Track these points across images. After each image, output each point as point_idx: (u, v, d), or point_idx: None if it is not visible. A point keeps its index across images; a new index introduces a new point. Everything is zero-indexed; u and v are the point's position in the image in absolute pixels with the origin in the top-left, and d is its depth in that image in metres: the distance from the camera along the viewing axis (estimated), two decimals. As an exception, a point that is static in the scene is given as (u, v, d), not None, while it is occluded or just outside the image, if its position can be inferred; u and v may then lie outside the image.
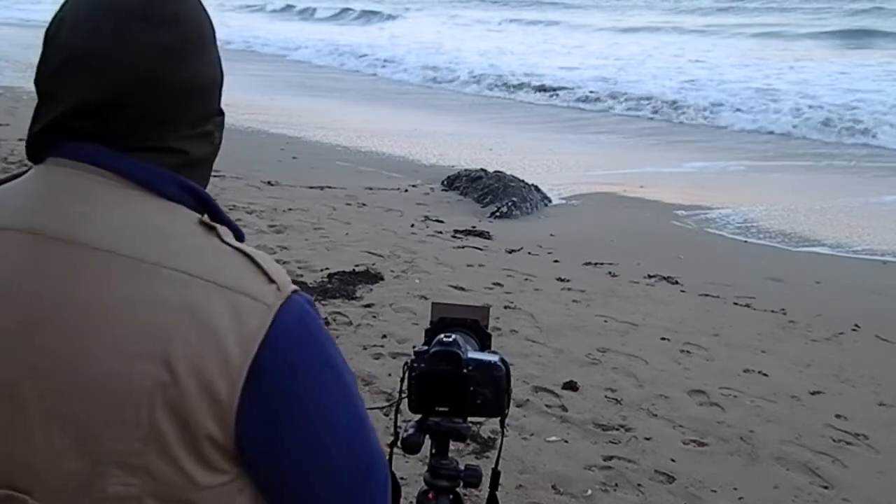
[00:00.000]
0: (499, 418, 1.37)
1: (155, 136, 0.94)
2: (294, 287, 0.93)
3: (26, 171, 0.98)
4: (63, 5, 0.96)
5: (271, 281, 0.91)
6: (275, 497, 0.95)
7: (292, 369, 0.90)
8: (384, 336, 4.40)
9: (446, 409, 1.34)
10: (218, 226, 0.94)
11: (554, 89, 16.15)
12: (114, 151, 0.92)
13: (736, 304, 5.35)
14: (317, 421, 0.92)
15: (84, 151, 0.92)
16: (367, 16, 34.57)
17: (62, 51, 0.92)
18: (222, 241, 0.92)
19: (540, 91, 16.23)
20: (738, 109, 13.88)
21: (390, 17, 34.53)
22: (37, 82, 0.95)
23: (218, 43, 1.03)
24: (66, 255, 0.88)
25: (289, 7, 38.26)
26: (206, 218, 0.94)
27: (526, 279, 5.56)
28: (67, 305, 0.86)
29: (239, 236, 0.97)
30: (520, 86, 16.75)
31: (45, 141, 0.94)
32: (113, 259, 0.87)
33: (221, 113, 1.03)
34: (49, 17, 0.98)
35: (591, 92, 15.69)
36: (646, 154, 10.87)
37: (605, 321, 4.89)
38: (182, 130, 0.96)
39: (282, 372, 0.89)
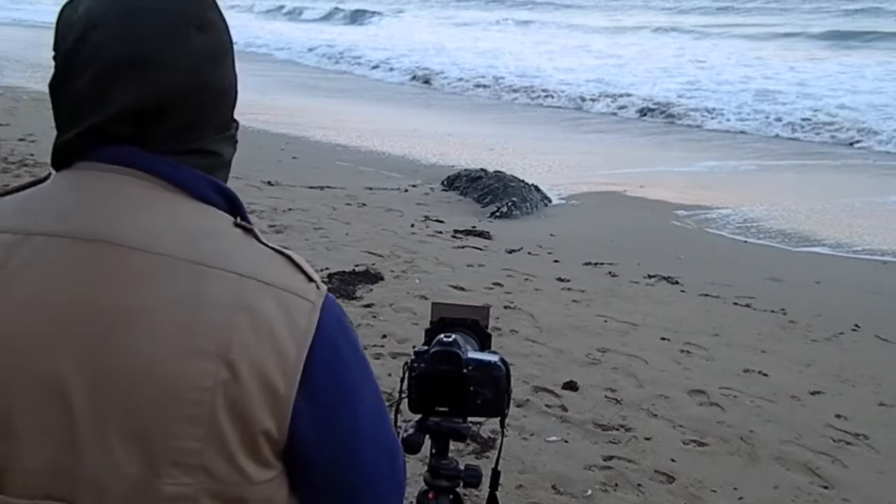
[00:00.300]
0: (499, 418, 1.37)
1: (191, 138, 0.95)
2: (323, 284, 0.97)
3: (45, 178, 0.96)
4: (71, 4, 0.94)
5: (310, 279, 0.95)
6: (313, 487, 0.97)
7: (336, 361, 0.95)
8: (384, 336, 4.40)
9: (446, 409, 1.34)
10: (254, 227, 0.96)
11: (553, 89, 16.15)
12: (150, 153, 0.92)
13: (736, 304, 5.35)
14: (358, 407, 0.97)
15: (121, 154, 0.91)
16: (364, 15, 34.56)
17: (103, 55, 0.89)
18: (260, 241, 0.95)
19: (539, 91, 16.22)
20: (738, 110, 13.90)
21: (386, 16, 34.54)
22: (62, 87, 0.93)
23: None
24: (110, 256, 0.87)
25: (279, 7, 38.22)
26: (240, 220, 0.96)
27: (526, 279, 5.56)
28: (110, 307, 0.85)
29: None
30: (518, 86, 16.75)
31: (76, 148, 0.92)
32: (157, 260, 0.87)
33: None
34: (48, 18, 0.96)
35: (591, 92, 15.70)
36: (646, 154, 10.87)
37: (605, 321, 4.89)
38: (213, 133, 0.98)
39: (328, 365, 0.93)
